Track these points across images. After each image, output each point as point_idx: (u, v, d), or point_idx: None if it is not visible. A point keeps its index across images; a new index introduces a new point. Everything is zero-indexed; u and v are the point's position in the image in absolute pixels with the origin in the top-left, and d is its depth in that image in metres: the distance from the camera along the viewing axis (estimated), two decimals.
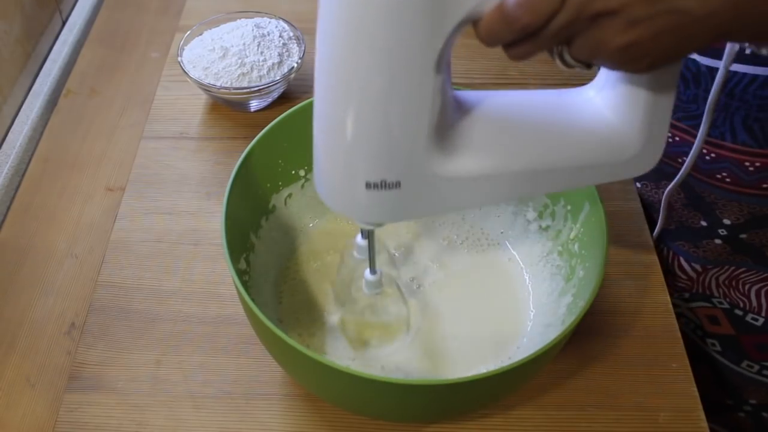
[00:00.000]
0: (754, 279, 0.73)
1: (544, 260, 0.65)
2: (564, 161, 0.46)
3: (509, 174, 0.46)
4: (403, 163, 0.43)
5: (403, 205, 0.45)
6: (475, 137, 0.45)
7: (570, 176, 0.48)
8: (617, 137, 0.46)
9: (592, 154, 0.46)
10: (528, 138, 0.46)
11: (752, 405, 0.83)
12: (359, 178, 0.43)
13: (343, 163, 0.44)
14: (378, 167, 0.43)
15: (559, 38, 0.39)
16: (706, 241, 0.73)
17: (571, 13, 0.37)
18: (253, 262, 0.63)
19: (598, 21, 0.37)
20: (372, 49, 0.38)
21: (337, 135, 0.43)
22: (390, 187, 0.43)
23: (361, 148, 0.42)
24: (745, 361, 0.79)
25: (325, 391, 0.57)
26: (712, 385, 0.71)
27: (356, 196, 0.44)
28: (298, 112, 0.64)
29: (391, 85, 0.40)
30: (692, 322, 0.81)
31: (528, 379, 0.55)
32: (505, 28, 0.38)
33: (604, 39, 0.38)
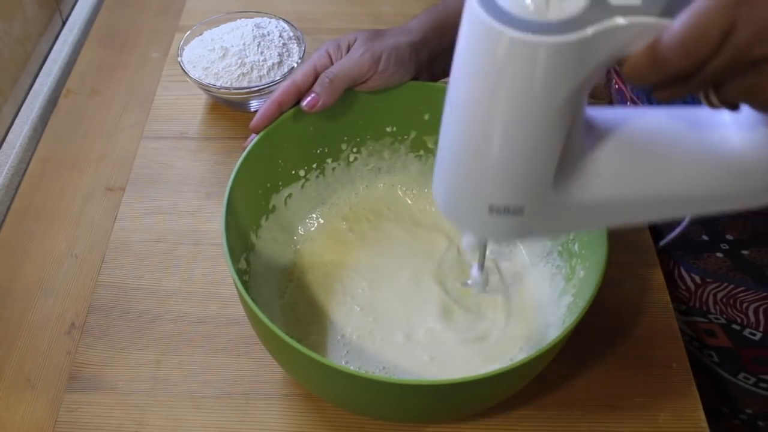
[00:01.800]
0: (752, 298, 0.73)
1: (545, 260, 0.65)
2: (694, 189, 0.44)
3: (632, 201, 0.45)
4: (527, 192, 0.42)
5: (523, 227, 0.44)
6: (602, 164, 0.43)
7: (697, 204, 0.46)
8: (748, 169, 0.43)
9: (722, 184, 0.44)
10: (655, 166, 0.44)
11: (748, 414, 0.83)
12: (483, 202, 0.43)
13: (468, 186, 0.43)
14: (503, 195, 0.42)
15: (713, 81, 0.37)
16: (707, 254, 0.73)
17: (729, 58, 0.35)
18: (253, 262, 0.63)
19: (757, 66, 0.35)
20: (512, 88, 0.37)
21: (467, 159, 0.42)
22: (513, 212, 0.43)
23: (489, 174, 0.42)
24: (742, 373, 0.79)
25: (325, 391, 0.57)
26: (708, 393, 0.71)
27: (478, 216, 0.44)
28: (298, 112, 0.64)
29: (526, 125, 0.39)
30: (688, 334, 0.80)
31: (528, 379, 0.55)
32: (655, 71, 0.36)
33: (760, 86, 0.36)
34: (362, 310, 0.64)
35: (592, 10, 0.35)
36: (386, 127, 0.70)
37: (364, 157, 0.71)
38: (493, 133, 0.40)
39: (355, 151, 0.70)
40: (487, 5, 0.36)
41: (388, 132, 0.70)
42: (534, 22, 0.35)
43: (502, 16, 0.35)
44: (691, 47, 0.35)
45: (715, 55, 0.35)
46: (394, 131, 0.70)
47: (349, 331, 0.63)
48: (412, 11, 0.96)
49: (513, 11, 0.35)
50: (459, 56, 0.39)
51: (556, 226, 0.46)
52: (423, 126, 0.69)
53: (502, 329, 0.63)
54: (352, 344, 0.62)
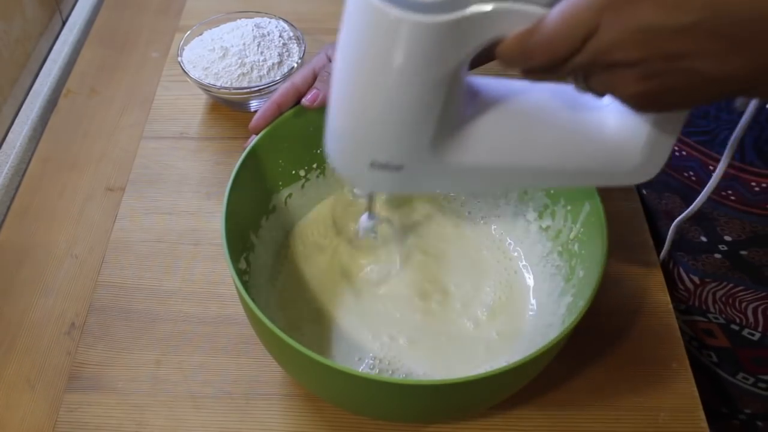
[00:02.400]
0: (751, 297, 0.73)
1: (544, 260, 0.65)
2: (566, 163, 0.47)
3: (509, 168, 0.47)
4: (407, 151, 0.45)
5: (402, 183, 0.47)
6: (481, 130, 0.46)
7: (569, 177, 0.49)
8: (622, 147, 0.46)
9: (593, 161, 0.47)
10: (534, 137, 0.47)
11: (747, 414, 0.83)
12: (365, 157, 0.45)
13: (352, 142, 0.46)
14: (383, 153, 0.45)
15: (574, 74, 0.40)
16: (705, 255, 0.73)
17: (589, 57, 0.37)
18: (253, 262, 0.63)
19: (613, 68, 0.38)
20: (391, 62, 0.39)
21: (349, 117, 0.44)
22: (392, 168, 0.45)
23: (369, 133, 0.44)
24: (740, 373, 0.79)
25: (325, 391, 0.57)
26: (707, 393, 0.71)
27: (360, 170, 0.46)
28: (298, 111, 0.64)
29: (405, 90, 0.41)
30: (687, 334, 0.80)
31: (528, 379, 0.55)
32: (522, 60, 0.39)
33: (618, 85, 0.38)
34: (362, 309, 0.64)
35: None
36: None
37: None
38: (373, 98, 0.42)
39: None
40: None
41: None
42: (415, 2, 0.37)
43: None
44: (555, 45, 0.37)
45: (576, 53, 0.37)
46: None
47: (350, 331, 0.63)
48: None
49: None
50: (345, 28, 0.41)
51: (435, 184, 0.49)
52: None
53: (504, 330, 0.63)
54: (352, 344, 0.62)
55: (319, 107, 0.64)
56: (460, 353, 0.61)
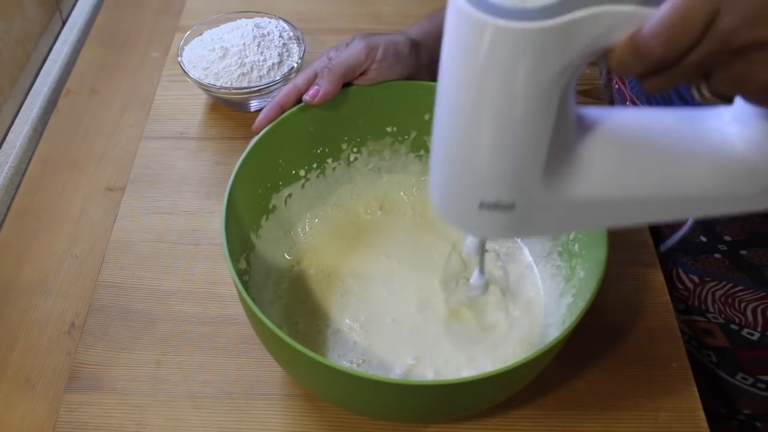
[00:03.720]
0: (751, 297, 0.73)
1: (545, 260, 0.65)
2: (685, 191, 0.44)
3: (626, 201, 0.44)
4: (518, 186, 0.42)
5: (515, 224, 0.44)
6: (595, 160, 0.43)
7: (691, 206, 0.45)
8: (746, 169, 0.43)
9: (716, 185, 0.43)
10: (651, 165, 0.43)
11: (746, 414, 0.83)
12: (474, 198, 0.43)
13: (459, 183, 0.43)
14: (493, 190, 0.42)
15: (699, 70, 0.36)
16: (705, 255, 0.73)
17: (714, 45, 0.34)
18: (253, 262, 0.63)
19: (744, 54, 0.34)
20: (498, 81, 0.38)
21: (456, 154, 0.42)
22: (504, 208, 0.43)
23: (478, 170, 0.42)
24: (740, 373, 0.79)
25: (325, 391, 0.57)
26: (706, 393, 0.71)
27: (470, 213, 0.44)
28: (298, 112, 0.64)
29: (513, 115, 0.39)
30: (686, 334, 0.80)
31: (528, 379, 0.55)
32: (638, 60, 0.35)
33: (750, 73, 0.35)
34: (363, 309, 0.64)
35: None
36: (386, 126, 0.70)
37: (364, 157, 0.71)
38: (481, 124, 0.40)
39: (356, 151, 0.70)
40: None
41: (388, 132, 0.70)
42: (515, 10, 0.35)
43: (485, 6, 0.36)
44: (673, 35, 0.34)
45: (698, 42, 0.34)
46: (394, 131, 0.70)
47: (350, 331, 0.63)
48: (412, 11, 0.97)
49: (495, 0, 0.36)
50: (445, 49, 0.40)
51: (549, 224, 0.45)
52: (423, 126, 0.69)
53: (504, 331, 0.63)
54: (352, 344, 0.62)
55: (320, 103, 0.64)
56: (459, 353, 0.61)
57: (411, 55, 0.68)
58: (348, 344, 0.62)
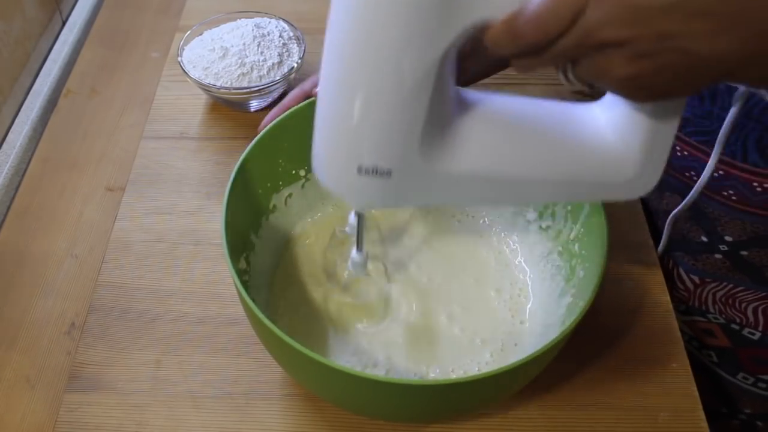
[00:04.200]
0: (751, 298, 0.73)
1: (545, 260, 0.65)
2: (558, 175, 0.46)
3: (500, 179, 0.46)
4: (395, 152, 0.44)
5: (392, 192, 0.45)
6: (472, 137, 0.45)
7: (563, 190, 0.48)
8: (616, 158, 0.46)
9: (587, 172, 0.46)
10: (526, 146, 0.46)
11: (747, 414, 0.83)
12: (352, 162, 0.44)
13: (338, 145, 0.45)
14: (371, 154, 0.44)
15: (565, 58, 0.39)
16: (705, 255, 0.73)
17: (578, 37, 0.37)
18: (253, 262, 0.63)
19: (603, 49, 0.37)
20: (379, 44, 0.39)
21: (335, 117, 0.44)
22: (381, 174, 0.44)
23: (356, 133, 0.43)
24: (741, 373, 0.79)
25: (325, 391, 0.57)
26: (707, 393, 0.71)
27: (348, 178, 0.45)
28: (298, 112, 0.64)
29: (392, 79, 0.40)
30: (687, 334, 0.80)
31: (528, 379, 0.55)
32: (511, 42, 0.38)
33: (608, 67, 0.38)
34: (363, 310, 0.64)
35: None
36: None
37: None
38: (359, 88, 0.41)
39: None
40: None
41: None
42: None
43: None
44: (543, 24, 0.37)
45: (565, 33, 0.37)
46: None
47: (350, 331, 0.63)
48: None
49: None
50: (332, 15, 0.41)
51: (426, 195, 0.47)
52: None
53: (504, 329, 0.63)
54: (352, 343, 0.62)
55: None
56: (460, 353, 0.61)
57: None
58: (348, 344, 0.62)
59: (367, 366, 0.60)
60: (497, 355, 0.61)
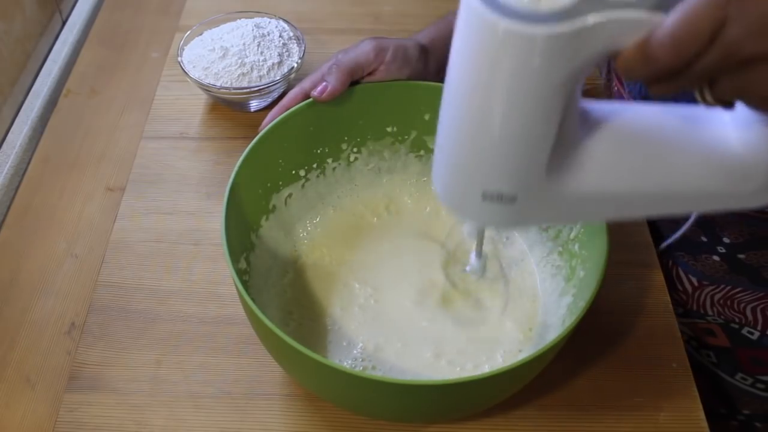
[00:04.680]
0: (750, 298, 0.73)
1: (545, 260, 0.65)
2: (684, 187, 0.44)
3: (625, 195, 0.45)
4: (521, 179, 0.43)
5: (515, 214, 0.45)
6: (597, 155, 0.43)
7: (687, 202, 0.46)
8: (743, 169, 0.43)
9: (713, 183, 0.44)
10: (651, 161, 0.44)
11: (745, 415, 0.83)
12: (477, 188, 0.43)
13: (463, 172, 0.44)
14: (496, 182, 0.43)
15: (704, 78, 0.37)
16: (705, 255, 0.73)
17: (719, 55, 0.34)
18: (253, 262, 0.63)
19: (748, 65, 0.35)
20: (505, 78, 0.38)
21: (462, 147, 0.43)
22: (506, 200, 0.43)
23: (483, 164, 0.42)
24: (739, 373, 0.79)
25: (325, 391, 0.57)
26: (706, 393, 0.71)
27: (472, 203, 0.44)
28: (298, 112, 0.64)
29: (520, 114, 0.39)
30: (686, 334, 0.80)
31: (528, 379, 0.55)
32: (645, 66, 0.36)
33: (753, 84, 0.36)
34: (363, 309, 0.64)
35: (585, 2, 0.35)
36: (387, 127, 0.70)
37: (364, 157, 0.71)
38: (487, 120, 0.40)
39: (356, 151, 0.70)
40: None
41: (388, 132, 0.70)
42: (527, 12, 0.35)
43: (497, 6, 0.36)
44: (681, 44, 0.34)
45: (705, 52, 0.34)
46: (394, 131, 0.70)
47: (350, 331, 0.63)
48: (412, 11, 0.97)
49: (507, 1, 0.36)
50: (456, 45, 0.40)
51: (550, 215, 0.46)
52: (423, 126, 0.69)
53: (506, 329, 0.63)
54: (352, 343, 0.62)
55: (328, 100, 0.64)
56: (459, 353, 0.61)
57: (420, 60, 0.68)
58: (348, 343, 0.62)
59: (367, 366, 0.60)
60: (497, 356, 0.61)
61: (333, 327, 0.63)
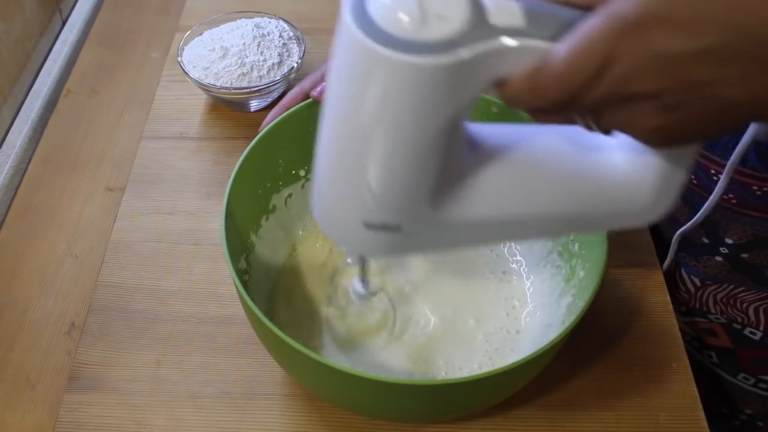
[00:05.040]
0: (752, 298, 0.73)
1: (545, 260, 0.65)
2: (571, 209, 0.44)
3: (513, 220, 0.44)
4: (404, 209, 0.41)
5: (401, 244, 0.43)
6: (483, 182, 0.42)
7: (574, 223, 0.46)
8: (629, 189, 0.43)
9: (601, 204, 0.44)
10: (538, 185, 0.43)
11: (748, 414, 0.83)
12: (359, 218, 0.41)
13: (343, 202, 0.42)
14: (379, 213, 0.41)
15: (588, 111, 0.37)
16: (707, 257, 0.73)
17: (605, 91, 0.34)
18: (253, 262, 0.63)
19: (631, 102, 0.35)
20: (385, 109, 0.36)
21: (340, 175, 0.41)
22: (390, 229, 0.42)
23: (363, 194, 0.40)
24: (741, 373, 0.79)
25: (325, 391, 0.57)
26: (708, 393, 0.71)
27: (354, 232, 0.42)
28: (298, 112, 0.64)
29: (400, 144, 0.37)
30: (688, 334, 0.80)
31: (528, 379, 0.55)
32: (532, 99, 0.36)
33: (635, 119, 0.36)
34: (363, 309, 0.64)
35: (472, 31, 0.34)
36: None
37: None
38: (366, 153, 0.38)
39: None
40: (361, 20, 0.34)
41: None
42: (410, 42, 0.33)
43: (377, 34, 0.33)
44: (568, 79, 0.34)
45: (591, 87, 0.34)
46: None
47: (350, 331, 0.63)
48: None
49: (388, 28, 0.33)
50: (333, 69, 0.37)
51: (435, 243, 0.45)
52: None
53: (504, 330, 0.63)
54: (352, 343, 0.62)
55: None
56: (459, 353, 0.61)
57: None
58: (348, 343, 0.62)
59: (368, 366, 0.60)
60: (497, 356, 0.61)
61: (333, 326, 0.63)
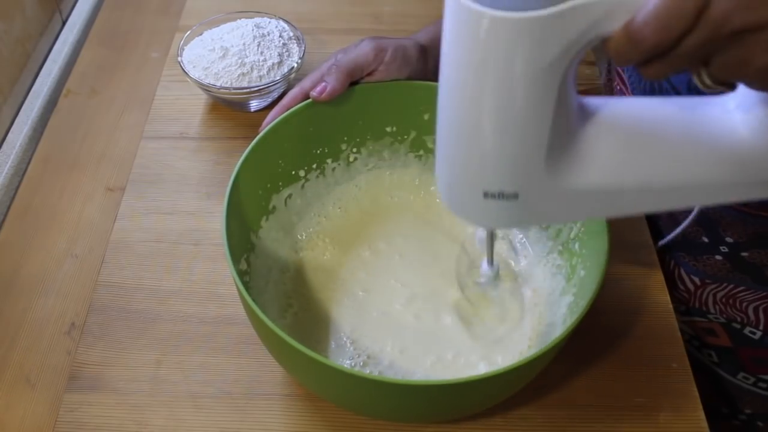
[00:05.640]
0: (752, 297, 0.73)
1: (545, 260, 0.65)
2: (692, 178, 0.43)
3: (630, 189, 0.44)
4: (520, 176, 0.42)
5: (519, 213, 0.44)
6: (597, 149, 0.43)
7: (699, 194, 0.45)
8: (752, 158, 0.42)
9: (723, 174, 0.43)
10: (653, 153, 0.43)
11: (747, 414, 0.83)
12: (478, 187, 0.43)
13: (462, 173, 0.44)
14: (496, 179, 0.43)
15: (695, 58, 0.36)
16: (706, 256, 0.73)
17: (707, 31, 0.33)
18: (254, 262, 0.63)
19: (739, 39, 0.34)
20: (496, 71, 0.38)
21: (459, 145, 0.43)
22: (508, 197, 0.43)
23: (481, 160, 0.42)
24: (741, 372, 0.79)
25: (325, 391, 0.57)
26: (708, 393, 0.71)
27: (474, 203, 0.44)
28: (298, 112, 0.64)
29: (513, 104, 0.39)
30: (687, 333, 0.80)
31: (528, 379, 0.55)
32: (633, 48, 0.35)
33: (747, 58, 0.34)
34: (363, 309, 0.64)
35: None
36: (386, 127, 0.70)
37: (364, 157, 0.71)
38: (481, 115, 0.40)
39: (355, 151, 0.70)
40: None
41: (388, 132, 0.70)
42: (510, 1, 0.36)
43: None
44: (665, 22, 0.34)
45: (692, 29, 0.34)
46: (394, 131, 0.70)
47: (350, 331, 0.63)
48: (412, 11, 0.97)
49: None
50: (444, 40, 0.40)
51: (554, 212, 0.45)
52: (423, 126, 0.69)
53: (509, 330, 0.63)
54: (352, 343, 0.62)
55: (327, 100, 0.64)
56: (460, 353, 0.61)
57: (420, 60, 0.68)
58: (348, 343, 0.62)
59: (368, 366, 0.60)
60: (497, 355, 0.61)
61: (334, 326, 0.63)
